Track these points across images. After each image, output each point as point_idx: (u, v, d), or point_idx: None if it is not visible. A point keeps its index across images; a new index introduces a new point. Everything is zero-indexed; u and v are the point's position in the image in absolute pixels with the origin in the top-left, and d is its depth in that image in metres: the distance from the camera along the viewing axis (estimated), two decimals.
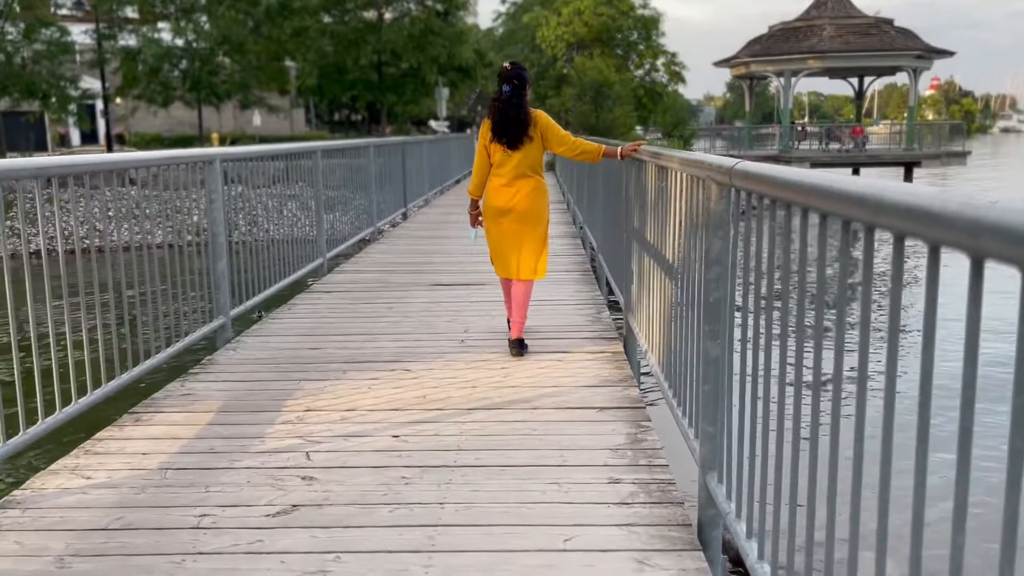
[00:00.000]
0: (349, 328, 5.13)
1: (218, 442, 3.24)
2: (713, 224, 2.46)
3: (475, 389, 3.85)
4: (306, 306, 5.83)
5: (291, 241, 6.22)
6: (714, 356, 2.49)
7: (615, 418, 3.44)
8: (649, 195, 3.94)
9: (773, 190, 1.84)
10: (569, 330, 4.98)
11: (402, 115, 34.10)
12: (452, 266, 7.43)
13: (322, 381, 4.02)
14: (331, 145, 7.50)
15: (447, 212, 12.60)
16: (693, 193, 2.83)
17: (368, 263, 7.70)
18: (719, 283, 2.46)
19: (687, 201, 2.95)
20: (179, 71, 27.53)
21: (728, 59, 33.28)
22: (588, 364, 4.25)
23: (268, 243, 5.69)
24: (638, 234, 4.31)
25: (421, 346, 4.66)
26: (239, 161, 5.40)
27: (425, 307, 5.70)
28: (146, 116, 31.99)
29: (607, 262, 6.49)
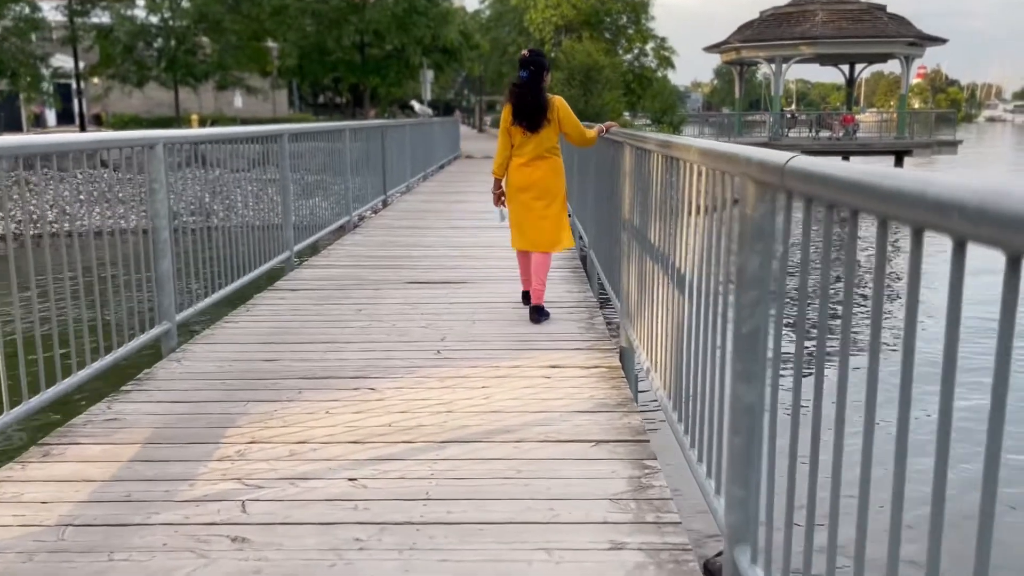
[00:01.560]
0: (311, 334, 4.57)
1: (137, 487, 2.68)
2: (750, 235, 1.92)
3: (450, 415, 3.30)
4: (266, 307, 5.25)
5: (252, 233, 5.63)
6: (748, 403, 1.96)
7: (614, 454, 2.91)
8: (654, 191, 3.39)
9: (860, 200, 1.30)
10: (559, 339, 4.44)
11: (386, 98, 33.28)
12: (430, 261, 6.86)
13: (273, 403, 3.46)
14: (300, 128, 6.90)
15: (429, 200, 12.02)
16: (717, 193, 2.29)
17: (340, 256, 7.12)
18: (756, 311, 1.93)
19: (708, 202, 2.41)
20: (154, 50, 26.62)
21: (718, 44, 32.71)
22: (581, 382, 3.71)
23: (225, 235, 5.10)
24: (639, 234, 3.77)
25: (391, 358, 4.10)
26: (190, 145, 4.81)
27: (399, 309, 5.14)
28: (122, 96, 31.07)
29: (599, 259, 5.96)
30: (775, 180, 1.71)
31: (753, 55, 30.97)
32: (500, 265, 6.56)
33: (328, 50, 28.27)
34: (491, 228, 8.80)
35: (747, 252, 1.93)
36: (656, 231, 3.31)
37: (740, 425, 1.99)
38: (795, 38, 29.36)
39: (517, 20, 40.99)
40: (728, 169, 2.08)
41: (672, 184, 2.99)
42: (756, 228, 1.90)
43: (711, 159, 2.25)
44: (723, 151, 2.11)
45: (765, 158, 1.78)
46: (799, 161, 1.58)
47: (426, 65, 28.55)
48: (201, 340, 4.47)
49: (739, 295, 1.97)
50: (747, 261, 1.93)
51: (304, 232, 7.02)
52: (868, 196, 1.25)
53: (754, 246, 1.92)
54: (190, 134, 4.58)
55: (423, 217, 9.90)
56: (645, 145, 3.52)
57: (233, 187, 5.60)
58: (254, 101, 35.10)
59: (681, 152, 2.71)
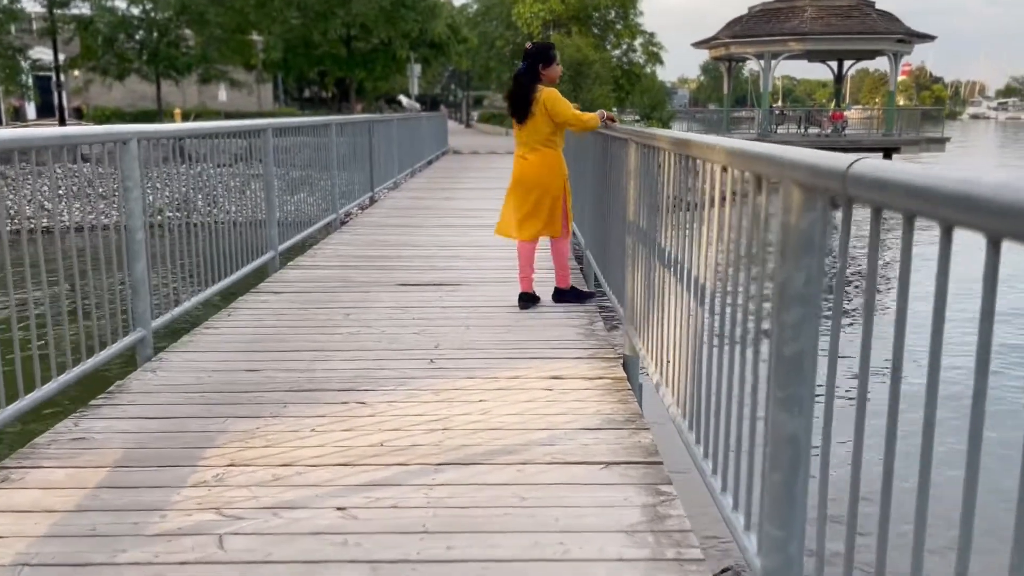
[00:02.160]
0: (297, 342, 4.32)
1: (104, 519, 2.43)
2: (795, 247, 1.69)
3: (447, 433, 3.07)
4: (249, 311, 4.99)
5: (234, 232, 5.37)
6: (790, 432, 1.74)
7: (625, 479, 2.69)
8: (665, 192, 3.17)
9: (966, 215, 1.07)
10: (559, 347, 4.21)
11: (372, 92, 32.90)
12: (421, 261, 6.62)
13: (255, 419, 3.21)
14: (284, 123, 6.63)
15: (418, 197, 11.75)
16: (747, 197, 2.06)
17: (327, 256, 6.86)
18: (802, 330, 1.70)
19: (736, 208, 2.19)
20: (135, 42, 26.13)
21: (707, 40, 32.53)
22: (585, 395, 3.48)
23: (206, 234, 4.84)
24: (646, 238, 3.54)
25: (382, 368, 3.86)
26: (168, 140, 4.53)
27: (389, 314, 4.89)
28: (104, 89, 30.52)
29: (596, 259, 5.74)
30: (833, 186, 1.48)
31: (742, 51, 30.82)
32: (494, 266, 6.33)
33: (314, 43, 27.87)
34: (483, 227, 8.56)
35: (791, 266, 1.71)
36: (668, 236, 3.08)
37: (781, 458, 1.76)
38: (784, 34, 29.22)
39: (505, 14, 40.72)
40: (766, 172, 1.85)
41: (689, 186, 2.76)
42: (803, 239, 1.68)
43: (743, 160, 2.03)
44: (760, 152, 1.88)
45: (818, 161, 1.55)
46: (866, 166, 1.35)
47: (413, 59, 28.19)
48: (179, 348, 4.21)
49: (780, 313, 1.74)
50: (791, 276, 1.71)
51: (289, 230, 6.75)
52: (980, 211, 1.02)
53: (800, 259, 1.69)
54: (166, 129, 4.32)
55: (412, 215, 9.64)
56: (655, 143, 3.29)
57: (215, 183, 5.33)
58: (239, 95, 34.63)
59: (701, 152, 2.48)
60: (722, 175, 2.32)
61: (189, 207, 4.90)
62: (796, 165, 1.66)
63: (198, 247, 4.68)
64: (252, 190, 7.71)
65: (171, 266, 4.35)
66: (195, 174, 5.18)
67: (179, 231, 4.51)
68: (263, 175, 6.16)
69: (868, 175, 1.33)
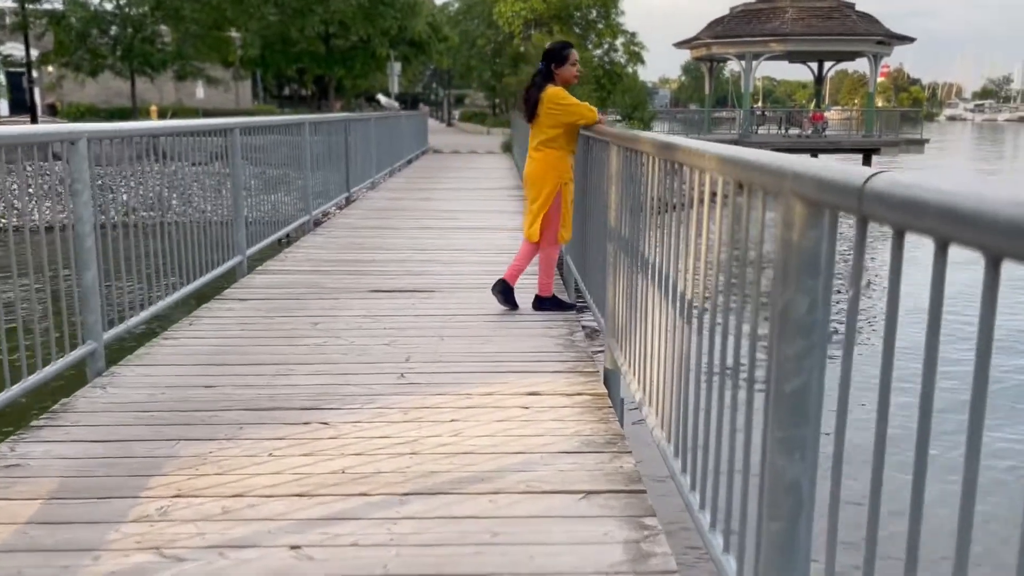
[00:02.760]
0: (259, 354, 4.08)
1: (31, 561, 2.19)
2: (797, 268, 1.50)
3: (414, 458, 2.85)
4: (211, 320, 4.74)
5: (199, 235, 5.12)
6: (790, 479, 1.54)
7: (606, 510, 2.49)
8: (649, 200, 2.97)
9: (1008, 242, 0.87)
10: (536, 359, 4.00)
11: (351, 90, 32.51)
12: (396, 266, 6.39)
13: (208, 442, 2.98)
14: (253, 122, 6.38)
15: (396, 197, 11.51)
16: (740, 208, 1.87)
17: (298, 261, 6.61)
18: (804, 364, 1.51)
19: (727, 219, 1.99)
20: (108, 37, 25.62)
21: (689, 40, 32.48)
22: (563, 414, 3.28)
23: (168, 237, 4.59)
24: (628, 247, 3.34)
25: (348, 383, 3.63)
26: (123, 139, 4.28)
27: (359, 323, 4.67)
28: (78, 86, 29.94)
29: (576, 264, 5.54)
30: (845, 203, 1.28)
31: (723, 51, 30.80)
32: (471, 271, 6.12)
33: (292, 40, 27.48)
34: (461, 229, 8.35)
35: (792, 289, 1.51)
36: (652, 246, 2.89)
37: (780, 507, 1.57)
38: (765, 35, 29.22)
39: (486, 13, 40.50)
40: (764, 183, 1.65)
41: (675, 194, 2.57)
42: (806, 259, 1.48)
43: (737, 169, 1.83)
44: (757, 160, 1.68)
45: (827, 175, 1.35)
46: (888, 182, 1.16)
47: (393, 57, 27.88)
48: (133, 361, 3.96)
49: (780, 343, 1.55)
50: (793, 301, 1.51)
51: (262, 232, 6.51)
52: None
53: (802, 282, 1.49)
54: (120, 128, 4.06)
55: (389, 216, 9.40)
56: (637, 146, 3.09)
57: (182, 184, 5.08)
58: (217, 92, 34.10)
59: (689, 158, 2.28)
60: (712, 184, 2.13)
61: (153, 207, 4.65)
62: (800, 177, 1.46)
63: (160, 250, 4.44)
64: (223, 193, 7.49)
65: (128, 272, 4.10)
66: (169, 172, 4.93)
67: (135, 233, 4.26)
68: (231, 175, 5.90)
69: (892, 193, 1.13)
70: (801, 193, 1.47)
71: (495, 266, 6.22)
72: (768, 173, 1.61)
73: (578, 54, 4.91)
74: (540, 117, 4.73)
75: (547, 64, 4.75)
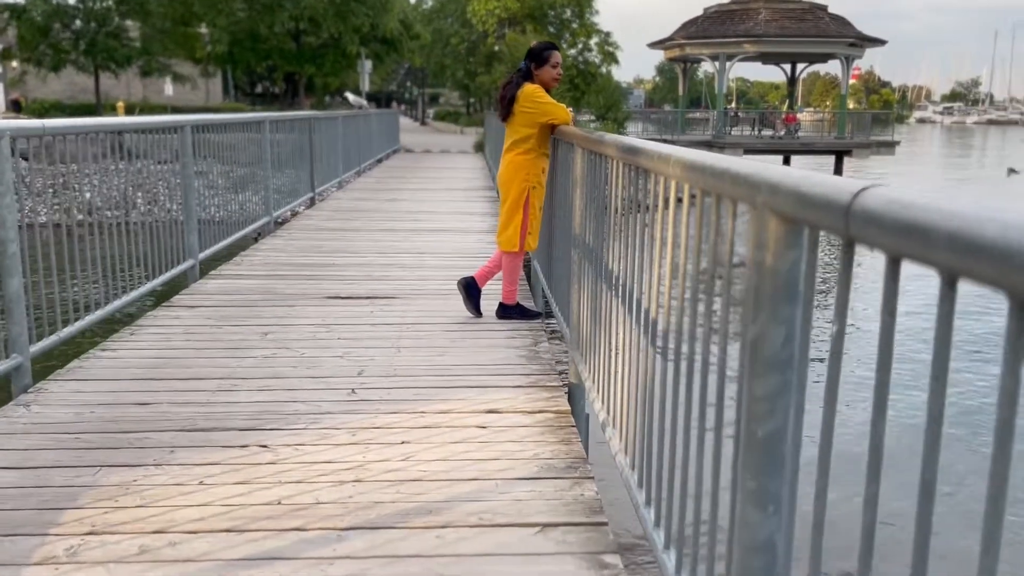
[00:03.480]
0: (202, 368, 3.82)
1: None
2: (771, 294, 1.30)
3: (358, 486, 2.62)
4: (155, 329, 4.47)
5: (145, 240, 4.85)
6: (764, 536, 1.34)
7: (563, 546, 2.28)
8: (613, 207, 2.77)
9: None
10: (498, 372, 3.79)
11: (322, 88, 32.07)
12: (356, 270, 6.14)
13: (133, 469, 2.73)
14: (207, 119, 6.09)
15: (362, 198, 11.23)
16: (712, 224, 1.67)
17: (254, 264, 6.34)
18: (778, 405, 1.31)
19: (694, 229, 1.79)
20: (71, 32, 25.00)
21: (663, 41, 32.45)
22: (523, 434, 3.07)
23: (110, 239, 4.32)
24: (593, 256, 3.14)
25: (294, 400, 3.40)
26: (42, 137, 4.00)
27: (313, 332, 4.42)
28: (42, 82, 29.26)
29: (543, 269, 5.34)
30: (828, 222, 1.08)
31: (697, 52, 30.79)
32: (433, 276, 5.89)
33: (261, 37, 27.00)
34: (427, 232, 8.12)
35: (766, 319, 1.31)
36: (616, 258, 2.69)
37: (752, 567, 1.37)
38: (739, 36, 29.26)
39: (460, 11, 40.25)
40: (735, 195, 1.45)
41: (640, 203, 2.37)
42: (782, 284, 1.28)
43: (703, 177, 1.63)
44: (727, 169, 1.48)
45: (808, 188, 1.15)
46: (881, 199, 0.95)
47: (364, 55, 27.50)
48: (64, 376, 3.69)
49: (752, 380, 1.35)
50: (766, 332, 1.31)
51: (215, 236, 6.23)
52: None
53: (777, 311, 1.30)
54: (51, 125, 3.78)
55: (354, 217, 9.14)
56: (602, 149, 2.89)
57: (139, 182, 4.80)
58: (186, 89, 33.51)
59: (653, 163, 2.08)
60: (675, 192, 1.93)
61: (92, 210, 4.37)
62: (776, 189, 1.26)
63: (99, 256, 4.17)
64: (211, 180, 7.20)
65: (64, 278, 3.82)
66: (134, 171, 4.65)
67: (70, 236, 3.99)
68: (181, 175, 5.62)
69: (888, 213, 0.93)
70: (777, 208, 1.27)
71: (460, 271, 5.99)
72: (740, 183, 1.41)
73: (560, 57, 4.67)
74: (515, 116, 4.52)
75: (528, 63, 4.56)
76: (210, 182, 7.20)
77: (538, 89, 4.48)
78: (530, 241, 4.64)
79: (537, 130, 4.50)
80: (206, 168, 7.03)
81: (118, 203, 4.39)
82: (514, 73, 4.64)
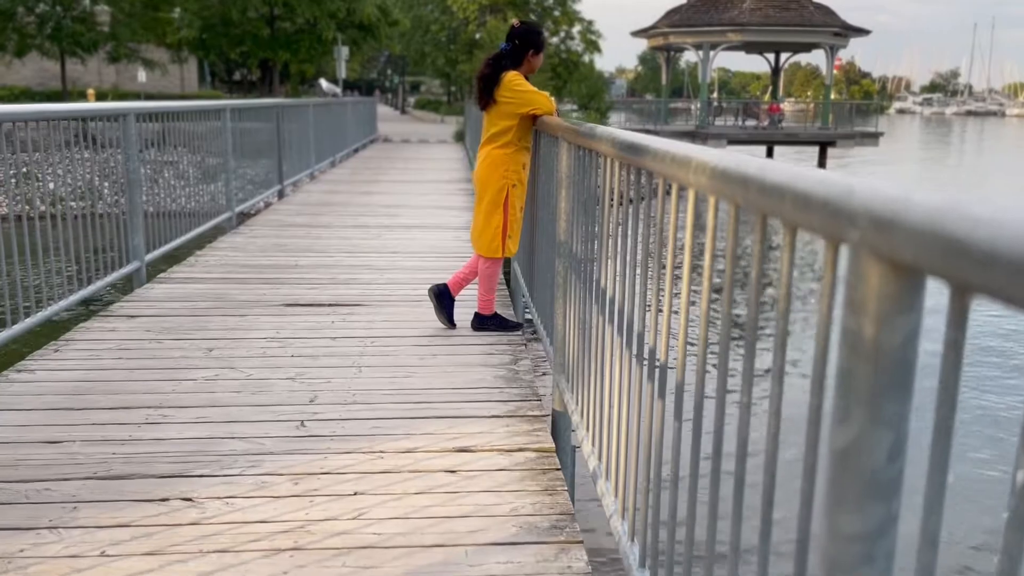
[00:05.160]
0: (129, 394, 3.32)
1: None
2: (874, 383, 0.83)
3: (297, 557, 2.15)
4: (84, 345, 3.95)
5: (80, 238, 4.33)
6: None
7: None
8: (604, 215, 2.31)
9: None
10: (471, 400, 3.32)
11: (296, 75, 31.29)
12: (321, 272, 5.64)
13: (22, 535, 2.24)
14: (155, 107, 5.55)
15: (334, 190, 10.69)
16: (751, 251, 1.20)
17: (209, 266, 5.81)
18: (878, 549, 0.85)
19: (724, 256, 1.33)
20: (35, 16, 24.10)
21: (646, 29, 31.98)
22: (500, 481, 2.60)
23: (40, 238, 3.80)
24: (580, 269, 2.68)
25: (232, 437, 2.91)
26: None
27: (263, 349, 3.93)
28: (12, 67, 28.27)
29: (525, 275, 4.87)
30: (985, 279, 0.62)
31: (681, 41, 30.35)
32: (404, 279, 5.40)
33: (233, 21, 26.21)
34: (400, 228, 7.62)
35: (863, 418, 0.85)
36: (610, 278, 2.22)
37: None
38: (723, 24, 28.86)
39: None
40: (799, 222, 0.98)
41: (643, 213, 1.90)
42: (891, 367, 0.82)
43: (748, 192, 1.15)
44: (788, 184, 1.01)
45: (953, 228, 0.68)
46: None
47: (341, 41, 26.79)
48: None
49: (838, 509, 0.88)
50: (863, 438, 0.85)
51: (167, 234, 5.71)
52: None
53: (882, 406, 0.83)
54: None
55: (323, 212, 8.61)
56: (593, 144, 2.42)
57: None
58: (160, 76, 32.62)
59: (665, 166, 1.61)
60: (691, 201, 1.46)
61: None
62: (885, 224, 0.79)
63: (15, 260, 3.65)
64: (164, 178, 6.66)
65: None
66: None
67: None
68: (124, 170, 5.09)
69: None
70: (886, 252, 0.80)
71: (434, 272, 5.52)
72: (812, 208, 0.94)
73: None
74: (498, 105, 4.00)
75: (523, 47, 4.00)
76: (180, 172, 6.71)
77: (518, 76, 3.99)
78: (510, 246, 4.16)
79: (517, 121, 4.02)
80: (176, 158, 6.56)
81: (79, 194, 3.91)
82: (497, 55, 4.08)
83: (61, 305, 4.13)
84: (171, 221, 5.78)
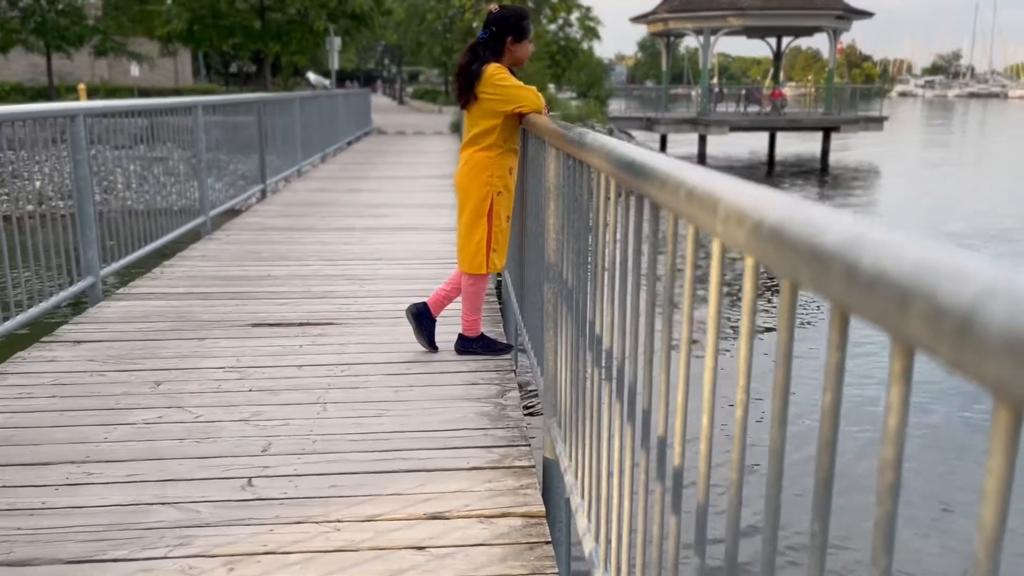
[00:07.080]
0: (53, 445, 2.86)
1: None
2: None
3: None
4: (16, 380, 3.49)
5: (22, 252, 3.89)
6: None
7: None
8: (599, 240, 1.86)
9: None
10: (449, 447, 2.86)
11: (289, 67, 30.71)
12: (296, 283, 5.18)
13: None
14: (108, 106, 5.07)
15: (322, 188, 10.22)
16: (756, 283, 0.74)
17: (174, 278, 5.35)
18: None
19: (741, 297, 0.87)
20: (18, 10, 23.56)
21: (646, 15, 31.40)
22: (478, 562, 2.15)
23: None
24: (571, 300, 2.22)
25: (162, 501, 2.45)
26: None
27: (219, 382, 3.47)
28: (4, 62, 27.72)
29: (516, 290, 4.42)
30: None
31: (681, 26, 29.77)
32: (385, 292, 4.95)
33: (222, 13, 25.64)
34: (387, 231, 7.16)
35: None
36: (605, 319, 1.77)
37: None
38: (724, 9, 28.27)
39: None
40: (907, 333, 0.52)
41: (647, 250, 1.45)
42: None
43: (799, 264, 0.69)
44: (889, 272, 0.55)
45: None
46: None
47: (333, 31, 26.21)
48: None
49: None
50: None
51: (129, 243, 5.26)
52: None
53: None
54: None
55: (307, 214, 8.14)
56: (584, 156, 1.95)
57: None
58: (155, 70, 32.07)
59: (681, 203, 1.14)
60: (724, 260, 1.01)
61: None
62: None
63: None
64: (154, 175, 6.25)
65: None
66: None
67: None
68: (74, 176, 4.63)
69: None
70: None
71: (417, 282, 5.08)
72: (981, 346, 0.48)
73: (532, 28, 3.72)
74: (479, 102, 3.54)
75: (501, 34, 3.55)
76: (169, 168, 6.29)
77: (499, 70, 3.51)
78: (495, 260, 3.70)
79: (502, 120, 3.55)
80: (166, 154, 6.19)
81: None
82: (474, 45, 3.61)
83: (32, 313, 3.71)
84: (135, 228, 5.32)
